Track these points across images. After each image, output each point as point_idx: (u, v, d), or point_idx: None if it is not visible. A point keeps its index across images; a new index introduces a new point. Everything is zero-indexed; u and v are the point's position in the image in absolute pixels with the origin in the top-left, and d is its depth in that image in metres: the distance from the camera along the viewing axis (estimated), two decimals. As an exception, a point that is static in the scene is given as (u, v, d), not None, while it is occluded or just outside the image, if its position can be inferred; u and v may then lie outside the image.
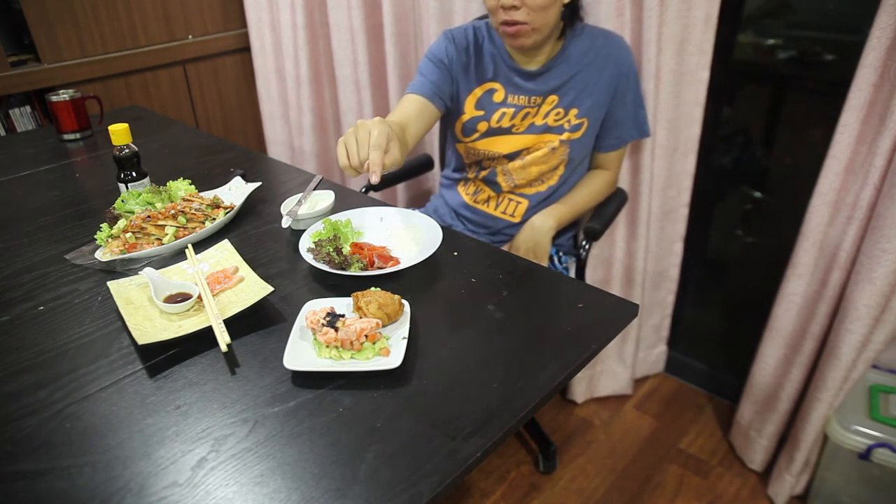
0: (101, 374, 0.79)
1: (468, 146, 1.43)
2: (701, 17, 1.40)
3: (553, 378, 0.75)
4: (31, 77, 1.85)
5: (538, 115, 1.36)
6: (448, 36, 1.38)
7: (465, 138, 1.42)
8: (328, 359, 0.78)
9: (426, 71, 1.36)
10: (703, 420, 1.80)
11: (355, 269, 0.96)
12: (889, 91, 1.14)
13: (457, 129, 1.43)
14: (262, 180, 1.28)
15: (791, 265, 1.40)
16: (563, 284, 0.98)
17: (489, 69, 1.36)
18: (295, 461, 0.65)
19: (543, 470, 1.66)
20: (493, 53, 1.36)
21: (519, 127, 1.37)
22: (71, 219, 1.22)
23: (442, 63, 1.36)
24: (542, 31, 1.23)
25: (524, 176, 1.41)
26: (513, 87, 1.36)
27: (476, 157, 1.44)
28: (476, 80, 1.38)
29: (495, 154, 1.41)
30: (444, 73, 1.35)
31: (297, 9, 2.06)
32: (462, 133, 1.42)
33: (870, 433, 1.34)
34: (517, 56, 1.34)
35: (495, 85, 1.37)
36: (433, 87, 1.33)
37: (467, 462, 0.64)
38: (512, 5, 1.18)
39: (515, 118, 1.37)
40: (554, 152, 1.37)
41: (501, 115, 1.37)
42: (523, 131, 1.38)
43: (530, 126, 1.37)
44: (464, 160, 1.49)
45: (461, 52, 1.36)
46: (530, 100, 1.35)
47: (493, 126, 1.38)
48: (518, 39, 1.24)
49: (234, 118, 2.42)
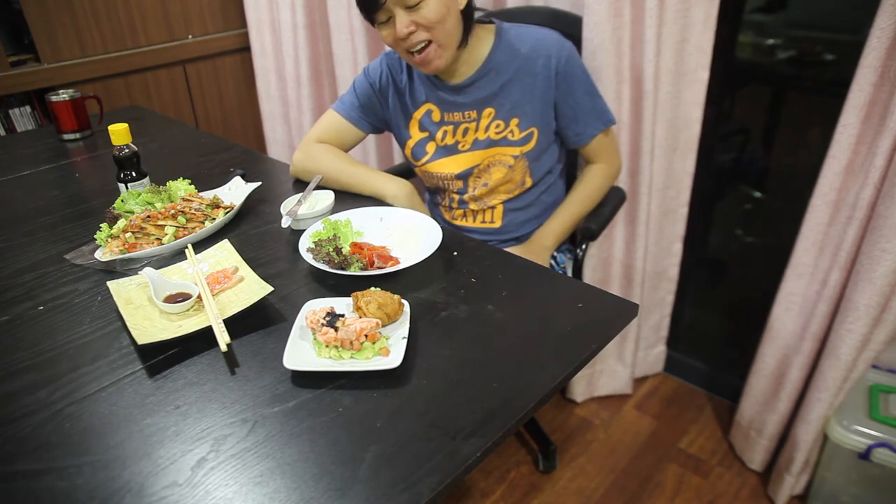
0: (100, 374, 0.79)
1: (423, 170, 1.42)
2: (700, 16, 1.40)
3: (553, 378, 0.75)
4: (31, 77, 1.85)
5: (479, 129, 1.32)
6: (385, 59, 1.36)
7: (417, 162, 1.40)
8: (328, 359, 0.78)
9: (354, 99, 1.37)
10: (703, 420, 1.80)
11: (355, 269, 0.96)
12: (889, 91, 1.14)
13: (408, 155, 1.42)
14: (262, 180, 1.28)
15: (791, 265, 1.40)
16: (563, 284, 0.98)
17: (422, 91, 1.34)
18: (295, 461, 0.65)
19: (543, 470, 1.66)
20: (420, 75, 1.33)
21: (464, 144, 1.34)
22: (71, 219, 1.22)
23: (373, 88, 1.36)
24: (447, 45, 1.18)
25: (493, 197, 1.39)
26: (445, 104, 1.33)
27: (432, 180, 1.42)
28: (413, 103, 1.36)
29: (447, 175, 1.38)
30: (375, 96, 1.37)
31: (297, 9, 2.06)
32: (413, 157, 1.41)
33: (870, 433, 1.34)
34: (440, 73, 1.30)
35: (430, 105, 1.34)
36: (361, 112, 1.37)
37: (467, 462, 0.64)
38: (408, 33, 1.13)
39: (457, 135, 1.34)
40: (513, 169, 1.33)
41: (444, 134, 1.35)
42: (469, 148, 1.34)
43: (475, 142, 1.33)
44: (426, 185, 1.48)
45: (396, 77, 1.35)
46: (465, 115, 1.31)
47: (440, 145, 1.36)
48: (430, 65, 1.19)
49: (234, 118, 2.42)
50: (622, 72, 1.46)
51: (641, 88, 1.47)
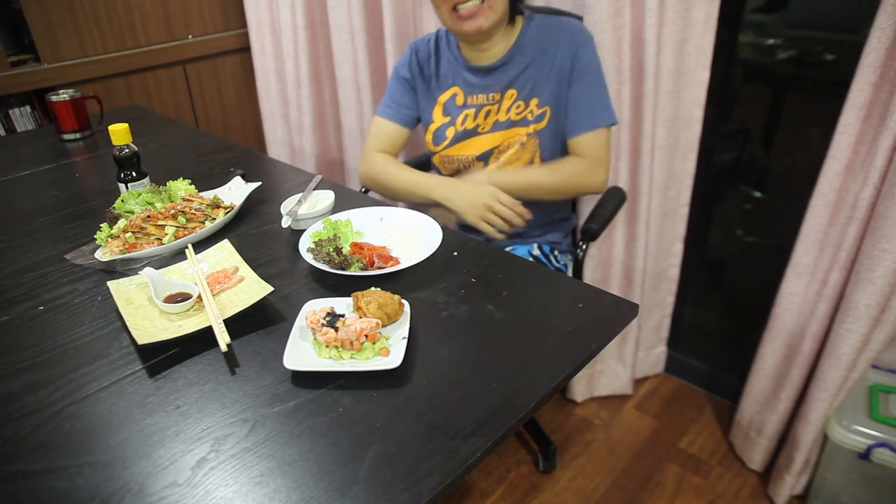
0: (100, 374, 0.79)
1: (442, 155, 1.44)
2: (701, 16, 1.40)
3: (553, 378, 0.75)
4: (31, 77, 1.85)
5: (500, 111, 1.36)
6: (413, 48, 1.43)
7: (437, 147, 1.43)
8: (328, 359, 0.78)
9: (393, 90, 1.44)
10: (703, 420, 1.80)
11: (355, 269, 0.96)
12: (889, 91, 1.14)
13: (428, 141, 1.45)
14: (262, 180, 1.28)
15: (791, 265, 1.40)
16: (563, 284, 0.98)
17: (449, 75, 1.39)
18: (295, 461, 0.65)
19: (543, 469, 1.66)
20: (450, 59, 1.39)
21: (484, 126, 1.38)
22: (71, 219, 1.22)
23: (405, 80, 1.43)
24: (497, 8, 1.23)
25: None
26: (469, 87, 1.37)
27: (452, 165, 1.44)
28: (439, 87, 1.41)
29: (468, 158, 1.41)
30: (407, 89, 1.43)
31: (297, 9, 2.06)
32: (434, 143, 1.44)
33: (870, 433, 1.34)
34: (471, 54, 1.35)
35: (455, 90, 1.39)
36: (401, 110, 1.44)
37: (467, 462, 0.64)
38: None
39: (478, 118, 1.38)
40: (524, 147, 1.37)
41: (465, 118, 1.39)
42: (489, 130, 1.38)
43: (495, 124, 1.37)
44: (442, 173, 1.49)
45: (423, 64, 1.42)
46: (489, 97, 1.36)
47: (460, 130, 1.39)
48: (475, 22, 1.22)
49: (234, 118, 2.42)
50: (622, 72, 1.46)
51: (642, 88, 1.47)
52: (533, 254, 1.42)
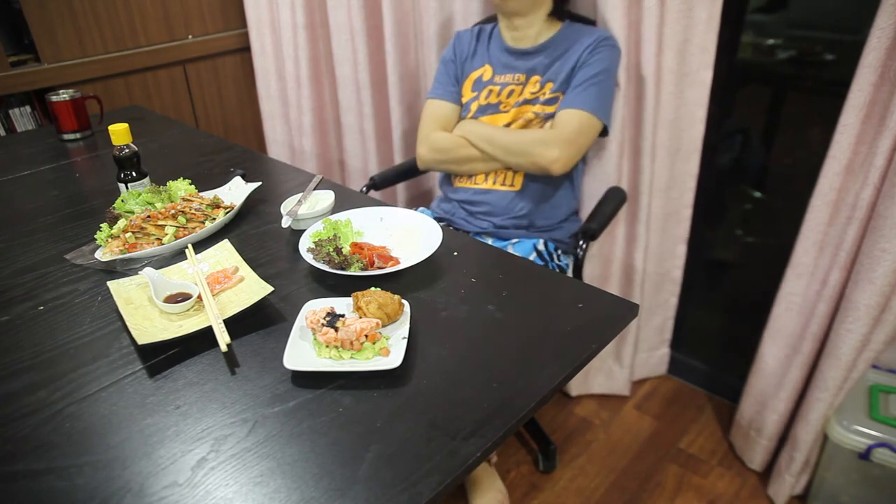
0: (100, 374, 0.79)
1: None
2: (703, 17, 1.40)
3: (553, 378, 0.75)
4: (31, 77, 1.85)
5: (524, 92, 1.45)
6: (457, 35, 1.57)
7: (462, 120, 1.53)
8: (328, 359, 0.78)
9: (440, 74, 1.56)
10: (703, 420, 1.80)
11: (355, 269, 0.96)
12: (889, 91, 1.14)
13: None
14: (262, 180, 1.28)
15: (791, 265, 1.40)
16: (563, 284, 0.98)
17: (484, 56, 1.52)
18: (295, 461, 0.65)
19: (543, 469, 1.66)
20: (487, 44, 1.52)
21: (507, 105, 1.47)
22: (71, 219, 1.22)
23: (450, 62, 1.55)
24: None
25: None
26: (501, 66, 1.48)
27: None
28: (472, 66, 1.53)
29: None
30: (451, 70, 1.55)
31: (297, 9, 2.06)
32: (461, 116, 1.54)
33: (870, 433, 1.34)
34: (508, 34, 1.47)
35: (487, 67, 1.51)
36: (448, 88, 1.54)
37: (467, 462, 0.64)
38: None
39: (502, 95, 1.47)
40: (530, 124, 1.44)
41: (489, 93, 1.49)
42: (510, 108, 1.47)
43: (516, 104, 1.46)
44: None
45: (465, 46, 1.54)
46: (515, 77, 1.46)
47: (483, 103, 1.49)
48: None
49: (234, 118, 2.42)
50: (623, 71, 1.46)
51: (643, 88, 1.47)
52: (538, 248, 1.42)
